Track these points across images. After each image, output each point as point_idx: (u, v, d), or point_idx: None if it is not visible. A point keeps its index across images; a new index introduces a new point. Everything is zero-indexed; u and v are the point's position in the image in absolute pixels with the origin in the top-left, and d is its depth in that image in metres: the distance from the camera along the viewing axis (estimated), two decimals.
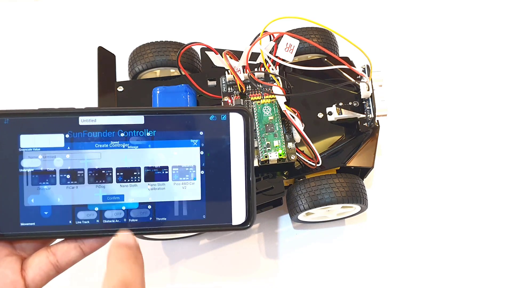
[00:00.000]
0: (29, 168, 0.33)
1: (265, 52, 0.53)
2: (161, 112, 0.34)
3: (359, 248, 0.61)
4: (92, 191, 0.33)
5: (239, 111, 0.34)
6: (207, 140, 0.34)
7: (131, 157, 0.34)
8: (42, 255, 0.33)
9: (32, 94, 0.70)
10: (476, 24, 0.75)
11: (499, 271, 0.60)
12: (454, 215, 0.63)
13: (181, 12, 0.76)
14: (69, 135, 0.33)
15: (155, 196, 0.34)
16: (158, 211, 0.34)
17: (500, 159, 0.66)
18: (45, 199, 0.33)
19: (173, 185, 0.34)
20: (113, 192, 0.34)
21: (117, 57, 0.61)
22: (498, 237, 0.62)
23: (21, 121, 0.33)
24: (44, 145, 0.33)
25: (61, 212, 0.33)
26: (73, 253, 0.33)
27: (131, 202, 0.34)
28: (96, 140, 0.33)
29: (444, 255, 0.61)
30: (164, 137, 0.34)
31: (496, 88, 0.71)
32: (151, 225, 0.34)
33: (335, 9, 0.76)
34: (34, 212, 0.33)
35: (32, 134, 0.33)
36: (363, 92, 0.55)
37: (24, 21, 0.74)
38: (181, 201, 0.34)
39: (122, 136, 0.34)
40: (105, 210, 0.34)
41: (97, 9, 0.76)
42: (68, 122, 0.33)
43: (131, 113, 0.34)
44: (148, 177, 0.34)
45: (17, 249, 0.34)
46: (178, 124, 0.34)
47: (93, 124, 0.33)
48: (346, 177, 0.55)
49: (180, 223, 0.34)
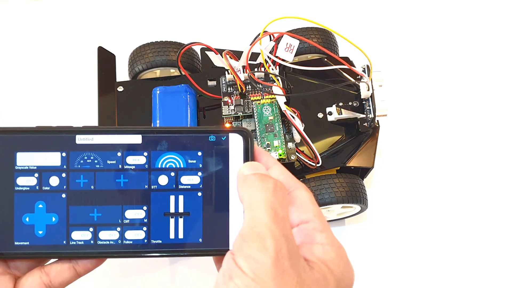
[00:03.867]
0: (24, 187, 0.33)
1: (265, 52, 0.53)
2: (160, 131, 0.33)
3: (359, 248, 0.61)
4: (87, 211, 0.33)
5: (239, 132, 0.33)
6: (206, 161, 0.33)
7: (127, 177, 0.33)
8: (35, 275, 0.32)
9: (32, 94, 0.70)
10: (476, 24, 0.75)
11: (499, 271, 0.60)
12: (454, 215, 0.63)
13: (181, 12, 0.76)
14: (65, 154, 0.33)
15: (150, 218, 0.33)
16: (153, 233, 0.33)
17: (500, 158, 0.66)
18: (39, 218, 0.33)
19: (170, 207, 0.33)
20: (109, 213, 0.33)
21: (117, 57, 0.61)
22: (498, 236, 0.62)
23: (18, 138, 0.33)
24: (40, 163, 0.33)
25: (55, 231, 0.33)
26: (66, 273, 0.33)
27: (127, 223, 0.33)
28: (93, 159, 0.33)
29: (444, 255, 0.61)
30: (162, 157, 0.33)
31: (496, 88, 0.71)
32: (146, 247, 0.33)
33: (335, 9, 0.76)
34: (29, 231, 0.33)
35: (29, 152, 0.33)
36: (363, 92, 0.55)
37: (24, 21, 0.74)
38: (177, 224, 0.33)
39: (119, 155, 0.33)
40: (100, 231, 0.33)
41: (97, 9, 0.76)
42: (65, 140, 0.33)
43: (129, 132, 0.33)
44: (145, 198, 0.33)
45: (11, 268, 0.33)
46: (177, 144, 0.33)
47: (90, 143, 0.33)
48: (346, 177, 0.55)
49: (176, 246, 0.33)
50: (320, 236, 0.29)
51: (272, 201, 0.28)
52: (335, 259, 0.28)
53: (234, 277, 0.26)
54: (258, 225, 0.27)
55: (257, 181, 0.29)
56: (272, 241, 0.26)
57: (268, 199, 0.28)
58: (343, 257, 0.29)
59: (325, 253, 0.28)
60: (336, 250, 0.29)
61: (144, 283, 0.60)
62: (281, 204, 0.28)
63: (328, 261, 0.28)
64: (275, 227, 0.27)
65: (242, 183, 0.30)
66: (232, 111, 0.56)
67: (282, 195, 0.29)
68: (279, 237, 0.26)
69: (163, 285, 0.59)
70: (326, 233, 0.29)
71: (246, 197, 0.29)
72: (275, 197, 0.28)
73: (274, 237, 0.26)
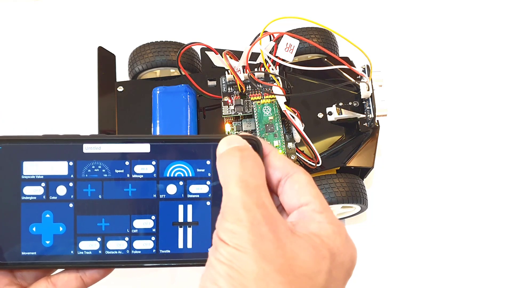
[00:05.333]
0: (31, 196, 0.32)
1: (265, 52, 0.53)
2: (168, 140, 0.33)
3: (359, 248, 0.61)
4: (95, 221, 0.33)
5: (249, 140, 0.32)
6: (215, 170, 0.32)
7: (135, 186, 0.33)
8: (42, 286, 0.32)
9: (32, 94, 0.70)
10: (476, 24, 0.75)
11: (499, 271, 0.60)
12: (454, 215, 0.63)
13: (181, 12, 0.76)
14: (72, 163, 0.32)
15: (159, 228, 0.33)
16: (162, 243, 0.33)
17: (500, 157, 0.66)
18: (47, 228, 0.32)
19: (178, 216, 0.33)
20: (117, 223, 0.33)
21: (117, 57, 0.61)
22: (497, 236, 0.62)
23: (24, 147, 0.32)
24: (47, 172, 0.32)
25: (63, 241, 0.32)
26: (73, 284, 0.32)
27: (135, 233, 0.33)
28: (100, 168, 0.33)
29: (444, 254, 0.61)
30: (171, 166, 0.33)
31: (496, 88, 0.71)
32: (155, 257, 0.33)
33: (335, 9, 0.76)
34: (36, 241, 0.32)
35: (35, 161, 0.32)
36: (363, 92, 0.55)
37: (24, 21, 0.74)
38: (186, 233, 0.33)
39: (127, 164, 0.33)
40: (108, 241, 0.33)
41: (97, 9, 0.76)
42: (72, 149, 0.32)
43: (137, 141, 0.33)
44: (153, 208, 0.33)
45: (17, 278, 0.33)
46: (185, 152, 0.33)
47: (97, 152, 0.32)
48: (346, 177, 0.55)
49: (185, 256, 0.33)
50: (319, 216, 0.29)
51: (240, 173, 0.28)
52: (331, 235, 0.28)
53: (219, 247, 0.27)
54: (231, 200, 0.28)
55: (226, 156, 0.30)
56: (244, 211, 0.27)
57: (236, 172, 0.28)
58: (341, 233, 0.29)
59: (320, 229, 0.28)
60: (334, 227, 0.29)
61: (144, 283, 0.60)
62: (252, 173, 0.29)
63: (322, 235, 0.28)
64: (247, 197, 0.27)
65: (218, 163, 0.30)
66: (232, 111, 0.56)
67: (252, 163, 0.29)
68: (250, 206, 0.27)
69: (163, 285, 0.59)
70: (325, 214, 0.29)
71: (220, 176, 0.30)
72: (243, 169, 0.28)
73: (246, 208, 0.27)
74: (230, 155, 0.29)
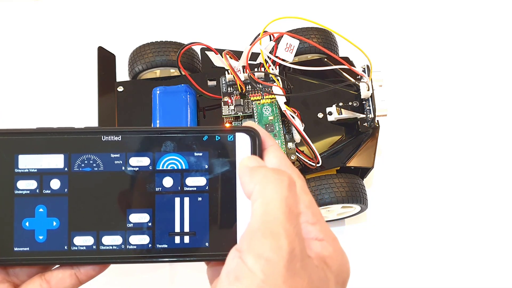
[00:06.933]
0: (25, 190, 0.32)
1: (265, 52, 0.53)
2: (164, 132, 0.32)
3: (359, 248, 0.61)
4: (90, 216, 0.32)
5: (246, 131, 0.31)
6: (212, 162, 0.32)
7: (131, 179, 0.32)
8: (35, 283, 0.31)
9: (32, 94, 0.70)
10: (476, 24, 0.75)
11: (499, 270, 0.60)
12: (454, 215, 0.63)
13: (181, 12, 0.76)
14: (68, 156, 0.32)
15: (155, 222, 0.32)
16: (158, 238, 0.32)
17: (500, 157, 0.66)
18: (40, 223, 0.31)
19: (175, 210, 0.32)
20: (112, 217, 0.32)
21: (117, 57, 0.61)
22: (497, 236, 0.62)
23: (18, 140, 0.31)
24: (41, 166, 0.32)
25: (56, 237, 0.31)
26: (68, 281, 0.31)
27: (130, 227, 0.32)
28: (96, 161, 0.32)
29: (444, 254, 0.61)
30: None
31: (496, 88, 0.71)
32: (151, 252, 0.32)
33: (335, 9, 0.76)
34: (29, 236, 0.31)
35: (30, 155, 0.32)
36: (363, 92, 0.55)
37: (24, 21, 0.74)
38: (183, 228, 0.32)
39: (122, 157, 0.32)
40: (103, 236, 0.32)
41: (97, 9, 0.76)
42: (67, 142, 0.32)
43: (132, 133, 0.32)
44: (149, 201, 0.32)
45: (10, 275, 0.32)
46: (181, 144, 0.32)
47: (93, 144, 0.32)
48: (346, 177, 0.55)
49: (181, 251, 0.32)
50: (314, 230, 0.27)
51: (287, 196, 0.26)
52: (333, 254, 0.27)
53: (242, 277, 0.24)
54: (272, 221, 0.25)
55: (270, 173, 0.27)
56: (286, 240, 0.24)
57: (284, 194, 0.26)
58: (339, 250, 0.28)
59: (323, 248, 0.27)
60: (332, 243, 0.27)
61: (144, 283, 0.60)
62: (295, 201, 0.26)
63: (326, 257, 0.27)
64: (289, 225, 0.25)
65: (251, 175, 0.28)
66: (232, 111, 0.56)
67: (295, 191, 0.27)
68: (293, 236, 0.25)
69: (163, 285, 0.59)
70: (319, 226, 0.27)
71: (257, 188, 0.27)
72: (290, 193, 0.26)
73: (288, 236, 0.24)
74: (277, 173, 0.27)
